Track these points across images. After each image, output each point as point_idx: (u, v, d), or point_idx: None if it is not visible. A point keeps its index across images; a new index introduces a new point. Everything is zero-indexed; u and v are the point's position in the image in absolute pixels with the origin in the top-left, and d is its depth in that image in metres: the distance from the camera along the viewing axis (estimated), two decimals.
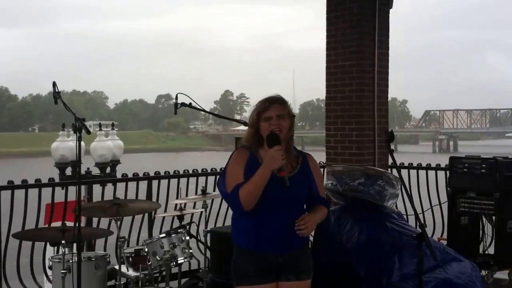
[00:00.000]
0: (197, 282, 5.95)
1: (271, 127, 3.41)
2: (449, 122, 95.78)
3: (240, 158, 3.46)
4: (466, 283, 5.13)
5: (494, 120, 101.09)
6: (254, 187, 3.31)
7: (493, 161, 6.71)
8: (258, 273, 3.42)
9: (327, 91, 7.86)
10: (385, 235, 5.35)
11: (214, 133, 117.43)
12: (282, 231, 3.44)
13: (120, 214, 4.58)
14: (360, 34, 7.54)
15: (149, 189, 6.79)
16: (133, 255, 4.83)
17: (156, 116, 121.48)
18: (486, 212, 6.72)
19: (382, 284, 5.07)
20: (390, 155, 3.75)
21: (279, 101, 3.50)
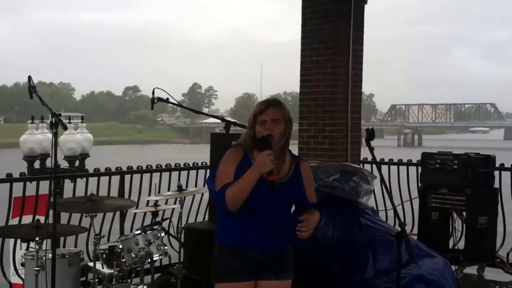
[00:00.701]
0: (170, 278, 5.91)
1: (264, 132, 3.38)
2: (414, 116, 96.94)
3: (233, 157, 3.42)
4: (438, 278, 5.19)
5: (458, 114, 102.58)
6: (241, 189, 3.29)
7: (465, 157, 6.80)
8: (237, 271, 3.41)
9: (301, 86, 7.86)
10: (360, 231, 5.38)
11: (181, 126, 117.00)
12: (266, 232, 3.43)
13: (95, 211, 4.51)
14: (335, 29, 7.55)
15: (122, 184, 6.71)
16: (107, 252, 4.76)
17: (123, 108, 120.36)
18: (457, 208, 6.81)
19: (356, 280, 5.11)
20: (371, 153, 3.76)
21: (275, 105, 3.45)
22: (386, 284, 4.98)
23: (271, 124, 3.38)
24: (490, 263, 6.90)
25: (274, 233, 3.45)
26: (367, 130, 3.76)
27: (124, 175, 6.76)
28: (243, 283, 3.43)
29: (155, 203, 5.25)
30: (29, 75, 3.84)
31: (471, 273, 6.83)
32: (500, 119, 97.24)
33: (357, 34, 7.72)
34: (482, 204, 6.79)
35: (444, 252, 6.47)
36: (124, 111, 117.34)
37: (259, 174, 3.28)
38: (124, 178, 6.75)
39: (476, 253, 6.74)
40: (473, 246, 6.71)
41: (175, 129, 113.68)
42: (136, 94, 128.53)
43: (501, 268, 6.88)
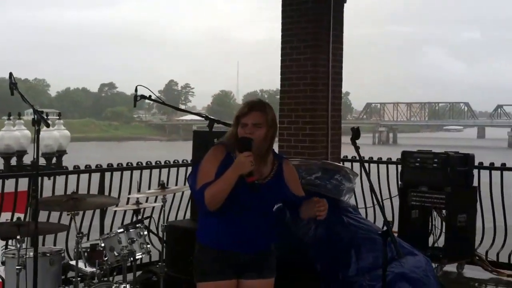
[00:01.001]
0: (151, 276, 5.87)
1: (244, 134, 3.35)
2: (389, 115, 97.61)
3: (215, 156, 3.38)
4: (421, 277, 5.22)
5: (433, 113, 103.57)
6: (220, 189, 3.26)
7: (445, 155, 6.86)
8: (219, 271, 3.39)
9: (282, 84, 7.86)
10: (342, 229, 5.38)
11: (158, 123, 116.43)
12: (248, 233, 3.41)
13: (77, 209, 4.45)
14: (315, 28, 7.57)
15: (102, 182, 6.64)
16: (88, 250, 4.70)
17: (99, 104, 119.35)
18: (437, 206, 6.88)
19: (339, 278, 5.11)
20: (356, 151, 3.76)
21: (258, 109, 3.39)
22: (369, 282, 5.00)
23: (251, 129, 3.34)
24: (469, 261, 6.98)
25: (256, 233, 3.43)
26: (352, 129, 3.75)
27: (105, 173, 6.70)
28: (225, 282, 3.41)
29: (136, 201, 5.21)
30: (10, 72, 3.80)
31: (450, 271, 6.90)
32: (473, 117, 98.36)
33: (337, 32, 7.75)
34: (462, 202, 6.87)
35: (424, 250, 6.52)
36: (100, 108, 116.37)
37: (238, 174, 3.25)
38: (105, 175, 6.69)
39: (455, 250, 6.81)
40: (452, 243, 6.78)
41: (152, 126, 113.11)
42: (112, 90, 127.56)
43: (480, 266, 6.96)
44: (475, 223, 7.01)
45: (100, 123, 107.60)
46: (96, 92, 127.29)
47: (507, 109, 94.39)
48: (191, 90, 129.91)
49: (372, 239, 5.34)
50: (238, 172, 3.25)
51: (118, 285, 4.48)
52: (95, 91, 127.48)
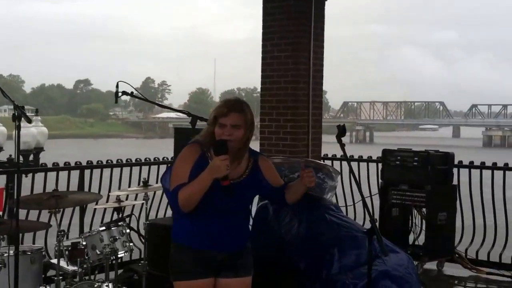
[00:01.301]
0: (132, 275, 5.81)
1: (223, 136, 3.27)
2: (366, 114, 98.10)
3: (189, 156, 3.31)
4: (403, 274, 5.23)
5: (408, 112, 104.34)
6: (194, 191, 3.20)
7: (425, 154, 6.90)
8: (195, 269, 3.35)
9: (263, 81, 7.84)
10: (325, 227, 5.37)
11: (134, 120, 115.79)
12: (223, 233, 3.37)
13: (59, 206, 4.38)
14: (296, 25, 7.56)
15: (81, 179, 6.56)
16: (69, 248, 4.64)
17: (74, 101, 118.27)
18: (417, 204, 6.92)
19: (322, 276, 5.10)
20: (341, 149, 3.75)
21: (237, 110, 3.31)
22: (352, 280, 5.00)
23: (230, 130, 3.27)
24: (449, 259, 7.04)
25: (231, 233, 3.39)
26: (338, 126, 3.73)
27: (84, 170, 6.62)
28: (201, 281, 3.37)
29: (118, 199, 5.14)
30: None
31: (430, 269, 6.95)
32: (448, 117, 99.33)
33: (318, 31, 7.75)
34: (442, 200, 6.93)
35: (404, 248, 6.54)
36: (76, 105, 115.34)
37: (213, 178, 3.19)
38: (84, 173, 6.61)
39: (436, 248, 6.86)
40: (433, 241, 6.83)
41: (128, 124, 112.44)
42: (87, 87, 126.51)
43: (460, 264, 7.03)
44: (454, 221, 7.07)
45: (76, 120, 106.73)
46: (72, 88, 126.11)
47: (482, 109, 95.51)
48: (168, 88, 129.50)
49: (355, 237, 5.35)
50: (213, 176, 3.18)
51: (100, 283, 4.42)
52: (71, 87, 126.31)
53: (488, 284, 6.66)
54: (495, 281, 6.71)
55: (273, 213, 5.53)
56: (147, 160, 7.20)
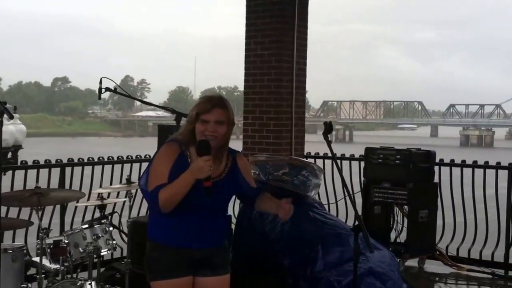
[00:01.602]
0: (114, 273, 5.77)
1: (206, 132, 3.22)
2: (345, 113, 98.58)
3: (167, 156, 3.23)
4: (386, 271, 5.26)
5: (388, 111, 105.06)
6: (175, 192, 3.15)
7: (407, 152, 6.94)
8: (172, 268, 3.29)
9: (246, 79, 7.84)
10: (309, 225, 5.38)
11: (113, 119, 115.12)
12: (201, 230, 3.32)
13: (41, 204, 4.32)
14: (280, 24, 7.57)
15: (62, 177, 6.49)
16: (51, 246, 4.58)
17: (52, 99, 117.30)
18: (399, 202, 6.95)
19: (307, 273, 5.12)
20: (328, 147, 3.75)
21: (221, 106, 3.26)
22: (336, 277, 5.02)
23: (214, 126, 3.21)
24: (430, 256, 7.08)
25: (209, 230, 3.34)
26: (325, 123, 3.72)
27: (65, 168, 6.55)
28: (180, 279, 3.31)
29: (100, 196, 5.09)
30: None
31: (412, 266, 7.00)
32: (427, 116, 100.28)
33: (302, 29, 7.78)
34: (423, 198, 6.97)
35: (386, 245, 6.58)
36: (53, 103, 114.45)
37: (195, 178, 3.14)
38: (65, 170, 6.54)
39: (417, 246, 6.90)
40: (414, 239, 6.87)
41: (106, 122, 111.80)
42: (65, 85, 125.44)
43: (441, 261, 7.08)
44: (436, 219, 7.11)
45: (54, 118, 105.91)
46: (49, 86, 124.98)
47: (459, 109, 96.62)
48: (147, 86, 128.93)
49: (338, 235, 5.37)
50: (195, 176, 3.12)
51: (83, 282, 4.37)
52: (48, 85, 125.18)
53: (469, 281, 6.71)
54: (476, 277, 6.76)
55: (257, 211, 5.52)
56: (129, 158, 7.14)
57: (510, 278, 6.72)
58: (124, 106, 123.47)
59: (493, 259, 7.02)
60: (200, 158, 3.12)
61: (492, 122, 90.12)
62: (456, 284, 6.69)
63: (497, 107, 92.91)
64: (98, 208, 5.05)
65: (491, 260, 7.01)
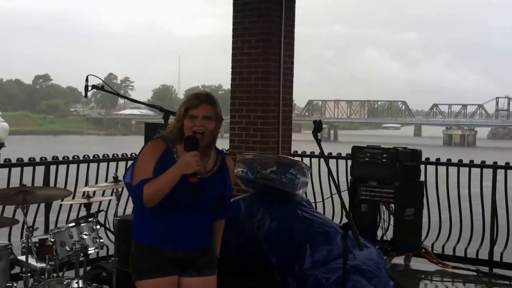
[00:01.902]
0: (100, 272, 5.73)
1: (194, 127, 3.21)
2: (330, 112, 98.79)
3: (152, 151, 3.22)
4: (373, 269, 5.28)
5: (372, 111, 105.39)
6: (161, 187, 3.12)
7: (394, 151, 6.97)
8: (157, 268, 3.28)
9: (233, 78, 7.81)
10: (297, 223, 5.39)
11: (96, 117, 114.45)
12: (187, 230, 3.29)
13: (27, 202, 4.27)
14: (267, 22, 7.55)
15: (47, 175, 6.43)
16: (37, 245, 4.54)
17: (33, 97, 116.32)
18: (386, 200, 6.97)
19: (295, 271, 5.12)
20: (318, 145, 3.74)
21: (209, 102, 3.27)
22: (324, 275, 5.03)
23: (202, 121, 3.21)
24: (416, 253, 7.12)
25: (194, 230, 3.31)
26: (314, 122, 3.73)
27: (50, 166, 6.49)
28: (165, 279, 3.29)
29: (86, 195, 5.05)
30: None
31: (398, 263, 7.03)
32: (410, 116, 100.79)
33: (289, 28, 7.77)
34: (409, 196, 6.99)
35: (373, 243, 6.61)
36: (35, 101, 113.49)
37: (182, 174, 3.13)
38: (50, 168, 6.48)
39: (403, 244, 6.93)
40: (401, 237, 6.90)
41: (89, 120, 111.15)
42: (47, 83, 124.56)
43: (426, 258, 7.12)
44: (421, 217, 7.15)
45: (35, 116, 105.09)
46: (31, 84, 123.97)
47: (442, 108, 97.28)
48: (131, 84, 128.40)
49: (326, 233, 5.38)
50: (182, 172, 3.11)
51: (70, 280, 4.34)
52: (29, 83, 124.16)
53: (454, 278, 6.74)
54: (461, 275, 6.80)
55: (245, 209, 5.52)
56: (114, 156, 7.09)
57: (494, 275, 6.76)
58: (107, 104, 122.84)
59: (478, 256, 7.07)
60: (188, 153, 3.11)
61: (474, 122, 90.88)
62: (441, 282, 6.71)
63: (479, 107, 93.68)
64: (84, 206, 5.00)
65: (476, 257, 7.06)
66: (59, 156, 6.74)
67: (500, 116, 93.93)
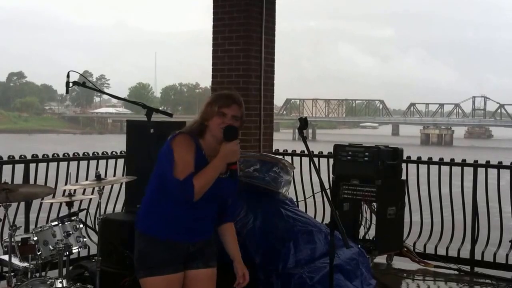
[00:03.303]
0: (83, 272, 5.65)
1: (222, 124, 3.32)
2: (308, 111, 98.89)
3: (189, 145, 3.30)
4: (354, 268, 5.31)
5: (350, 110, 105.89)
6: (210, 179, 3.24)
7: (376, 149, 6.99)
8: (169, 263, 3.32)
9: (213, 75, 7.77)
10: (280, 222, 5.38)
11: (71, 115, 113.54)
12: (201, 223, 3.41)
13: (9, 200, 4.19)
14: (247, 19, 7.52)
15: (26, 173, 6.33)
16: (19, 244, 4.45)
17: (7, 95, 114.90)
18: (368, 199, 6.98)
19: (278, 270, 5.11)
20: (304, 142, 3.73)
21: (239, 103, 3.41)
22: (309, 274, 5.03)
23: (231, 119, 3.35)
24: (398, 252, 7.15)
25: (205, 223, 3.44)
26: (300, 119, 3.72)
27: (29, 164, 6.38)
28: (175, 275, 3.35)
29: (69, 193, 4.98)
30: None
31: (380, 262, 7.05)
32: (388, 115, 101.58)
33: (270, 25, 7.74)
34: (391, 195, 7.02)
35: (355, 242, 6.61)
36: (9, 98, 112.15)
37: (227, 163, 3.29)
38: (29, 167, 6.38)
39: (386, 242, 6.95)
40: (383, 235, 6.92)
41: (65, 119, 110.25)
42: (21, 80, 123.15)
43: (408, 257, 7.15)
44: (403, 215, 7.17)
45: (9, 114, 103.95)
46: (4, 81, 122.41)
47: (420, 108, 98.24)
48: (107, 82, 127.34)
49: (310, 232, 5.38)
50: (228, 161, 3.29)
51: (53, 280, 4.27)
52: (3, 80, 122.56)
53: (436, 277, 6.78)
54: (442, 274, 6.85)
55: None
56: (95, 154, 7.01)
57: (476, 274, 6.82)
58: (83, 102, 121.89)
59: (459, 255, 7.13)
60: (231, 143, 3.27)
61: (451, 121, 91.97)
62: (423, 281, 6.74)
63: (456, 106, 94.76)
64: (66, 205, 4.92)
65: (457, 256, 7.13)
66: (38, 154, 6.64)
67: (477, 115, 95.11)
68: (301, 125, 3.73)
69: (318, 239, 5.38)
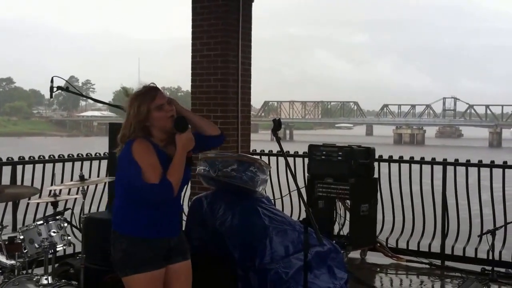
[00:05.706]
0: (68, 269, 5.84)
1: (168, 113, 3.37)
2: (285, 113, 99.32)
3: (148, 148, 3.33)
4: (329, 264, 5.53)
5: (325, 111, 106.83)
6: (181, 171, 3.31)
7: (349, 149, 7.25)
8: (152, 260, 3.40)
9: (193, 79, 8.00)
10: (257, 219, 5.55)
11: (58, 119, 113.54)
12: (173, 216, 3.52)
13: None
14: (225, 25, 7.76)
15: (13, 175, 6.54)
16: (6, 243, 4.66)
17: None
18: (342, 197, 7.25)
19: (256, 265, 5.30)
20: (278, 143, 3.90)
21: (157, 88, 3.45)
22: (284, 269, 5.23)
23: (169, 106, 3.38)
24: (371, 248, 7.41)
25: (177, 215, 3.57)
26: (274, 120, 3.87)
27: (16, 166, 6.59)
28: (158, 271, 3.43)
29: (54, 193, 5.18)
30: None
31: (354, 257, 7.30)
32: (362, 116, 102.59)
33: (246, 30, 7.99)
34: (364, 192, 7.28)
35: (330, 238, 6.87)
36: None
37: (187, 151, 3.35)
38: (16, 168, 6.58)
39: (359, 238, 7.21)
40: (356, 232, 7.17)
41: (52, 122, 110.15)
42: (10, 86, 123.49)
43: (381, 252, 7.41)
44: (376, 212, 7.43)
45: None
46: None
47: (392, 108, 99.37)
48: (92, 87, 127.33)
49: (285, 230, 5.57)
50: (188, 149, 3.34)
51: (39, 277, 4.47)
52: None
53: (408, 271, 7.02)
54: (414, 268, 7.10)
55: (208, 205, 5.70)
56: (79, 156, 7.24)
57: (446, 268, 7.09)
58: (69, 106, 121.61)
59: (430, 250, 7.40)
60: (186, 132, 3.34)
61: (423, 122, 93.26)
62: (396, 274, 6.99)
63: (427, 107, 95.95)
64: (51, 205, 5.13)
65: (428, 251, 7.39)
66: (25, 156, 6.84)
67: (447, 115, 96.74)
68: (275, 126, 3.88)
69: (294, 236, 5.55)
